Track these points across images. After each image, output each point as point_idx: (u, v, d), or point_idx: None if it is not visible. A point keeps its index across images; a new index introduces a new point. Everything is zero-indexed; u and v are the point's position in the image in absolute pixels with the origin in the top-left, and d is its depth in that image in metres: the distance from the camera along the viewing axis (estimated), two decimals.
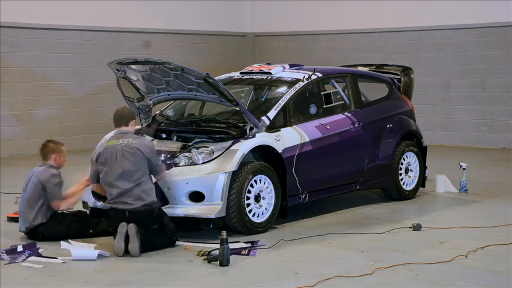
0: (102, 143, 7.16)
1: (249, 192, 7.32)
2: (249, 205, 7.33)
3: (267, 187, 7.50)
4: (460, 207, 8.81)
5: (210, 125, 7.92)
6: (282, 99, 8.02)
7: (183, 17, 15.93)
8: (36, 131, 13.51)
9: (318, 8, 16.31)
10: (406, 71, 9.85)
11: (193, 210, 7.14)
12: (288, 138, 7.83)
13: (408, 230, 7.54)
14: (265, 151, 7.65)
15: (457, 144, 14.65)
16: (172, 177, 7.16)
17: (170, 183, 7.16)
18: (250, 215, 7.33)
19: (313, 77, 8.48)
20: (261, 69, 8.74)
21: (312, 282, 5.76)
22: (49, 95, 13.86)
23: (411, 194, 9.20)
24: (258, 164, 7.45)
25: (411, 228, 7.54)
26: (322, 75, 8.63)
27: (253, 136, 7.55)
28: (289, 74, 8.55)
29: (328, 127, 8.32)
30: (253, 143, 7.45)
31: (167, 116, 8.50)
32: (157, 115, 8.51)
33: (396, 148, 9.00)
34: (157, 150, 7.59)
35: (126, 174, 6.73)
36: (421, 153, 9.32)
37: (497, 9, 14.05)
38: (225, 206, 7.13)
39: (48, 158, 7.23)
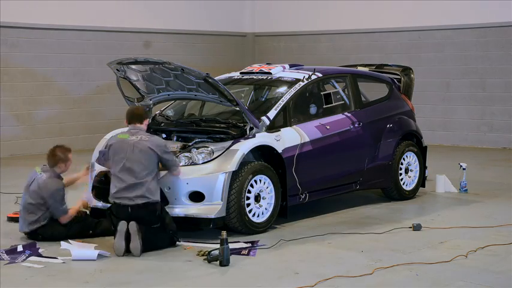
0: (114, 136, 7.18)
1: (249, 192, 7.32)
2: (249, 205, 7.32)
3: (267, 187, 7.50)
4: (460, 207, 8.81)
5: (210, 125, 7.91)
6: (282, 99, 8.02)
7: (183, 17, 15.93)
8: (36, 131, 13.49)
9: (318, 8, 16.30)
10: (406, 71, 9.85)
11: (193, 210, 7.13)
12: (288, 138, 7.83)
13: (408, 230, 7.54)
14: (265, 151, 7.65)
15: (457, 144, 14.65)
16: (172, 177, 7.16)
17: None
18: (250, 215, 7.33)
19: (313, 77, 8.48)
20: (261, 69, 8.73)
21: (312, 282, 5.76)
22: (49, 95, 13.85)
23: (411, 194, 9.20)
24: (258, 164, 7.45)
25: (411, 228, 7.54)
26: (322, 75, 8.63)
27: (253, 136, 7.54)
28: (289, 74, 8.55)
29: (328, 127, 8.32)
30: (253, 143, 7.45)
31: (167, 116, 8.49)
32: (157, 115, 8.51)
33: (396, 148, 9.00)
34: None
35: (133, 169, 6.76)
36: (421, 153, 9.32)
37: (497, 9, 14.05)
38: (225, 206, 7.13)
39: (54, 166, 7.21)
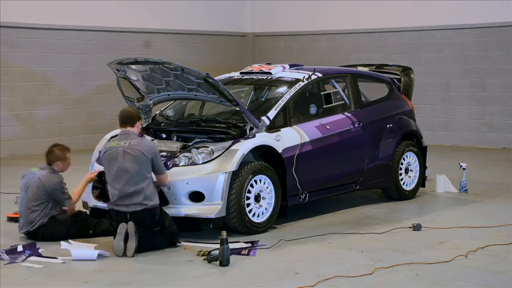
0: (105, 145, 7.11)
1: (249, 192, 7.32)
2: (249, 205, 7.32)
3: (267, 187, 7.50)
4: (460, 207, 8.81)
5: (210, 125, 7.91)
6: (282, 99, 8.02)
7: (183, 17, 15.93)
8: (36, 131, 13.49)
9: (318, 8, 16.30)
10: (406, 71, 9.85)
11: (193, 210, 7.13)
12: (288, 138, 7.82)
13: (408, 230, 7.54)
14: (265, 151, 7.65)
15: (457, 144, 14.65)
16: (172, 177, 7.16)
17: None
18: (250, 215, 7.33)
19: (313, 77, 8.48)
20: (261, 69, 8.73)
21: (312, 282, 5.76)
22: (49, 95, 13.85)
23: (411, 194, 9.20)
24: (258, 164, 7.45)
25: (411, 228, 7.54)
26: (322, 75, 8.63)
27: (253, 136, 7.54)
28: (289, 74, 8.55)
29: (328, 127, 8.32)
30: (253, 143, 7.45)
31: (167, 116, 8.49)
32: (157, 115, 8.51)
33: (396, 148, 9.00)
34: None
35: (127, 177, 6.70)
36: (421, 153, 9.32)
37: (497, 9, 14.05)
38: (225, 206, 7.13)
39: (52, 164, 7.23)
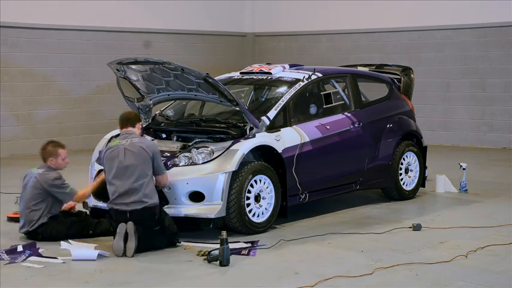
0: (108, 145, 7.12)
1: (249, 192, 7.32)
2: (249, 205, 7.32)
3: (267, 187, 7.50)
4: (460, 207, 8.81)
5: (210, 125, 7.91)
6: (282, 99, 8.02)
7: (183, 17, 15.93)
8: (36, 131, 13.51)
9: (318, 8, 16.30)
10: (406, 71, 9.85)
11: (193, 210, 7.13)
12: (288, 138, 7.82)
13: (408, 230, 7.53)
14: (265, 151, 7.65)
15: (457, 144, 14.65)
16: (172, 177, 7.16)
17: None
18: (250, 215, 7.32)
19: (313, 77, 8.48)
20: (261, 69, 8.73)
21: (312, 282, 5.76)
22: (49, 95, 13.85)
23: (411, 194, 9.20)
24: (258, 164, 7.45)
25: (411, 228, 7.54)
26: (322, 75, 8.63)
27: (253, 136, 7.54)
28: (289, 74, 8.55)
29: (328, 127, 8.31)
30: (253, 143, 7.45)
31: (167, 116, 8.49)
32: (157, 115, 8.51)
33: (396, 148, 9.00)
34: None
35: (127, 174, 6.72)
36: (421, 153, 9.32)
37: (497, 9, 14.05)
38: (225, 206, 7.13)
39: (45, 160, 7.24)
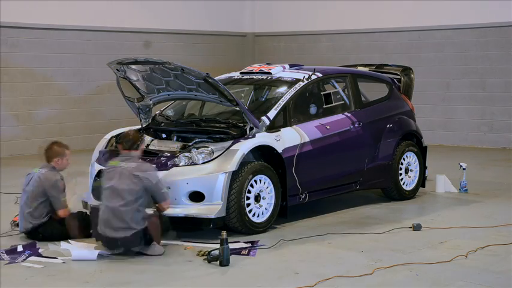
0: (108, 164, 7.03)
1: (249, 192, 7.32)
2: (249, 205, 7.32)
3: (267, 187, 7.50)
4: (460, 207, 8.81)
5: (210, 125, 7.91)
6: (282, 99, 8.02)
7: (183, 17, 15.93)
8: (36, 131, 13.51)
9: (318, 8, 16.30)
10: (406, 71, 9.85)
11: (193, 210, 7.13)
12: (288, 138, 7.82)
13: (408, 230, 7.53)
14: (265, 151, 7.65)
15: (457, 144, 14.65)
16: (172, 177, 7.16)
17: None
18: (250, 215, 7.33)
19: (313, 77, 8.48)
20: (261, 69, 8.73)
21: (312, 282, 5.76)
22: (49, 95, 13.86)
23: (411, 194, 9.20)
24: (258, 164, 7.45)
25: (411, 228, 7.54)
26: (322, 75, 8.63)
27: (253, 136, 7.54)
28: (289, 74, 8.55)
29: (328, 127, 8.31)
30: (253, 143, 7.45)
31: (167, 116, 8.49)
32: (157, 115, 8.51)
33: (396, 148, 9.00)
34: (157, 150, 7.61)
35: (119, 196, 6.55)
36: (421, 153, 9.32)
37: (497, 9, 14.04)
38: (225, 206, 7.13)
39: (51, 161, 7.22)
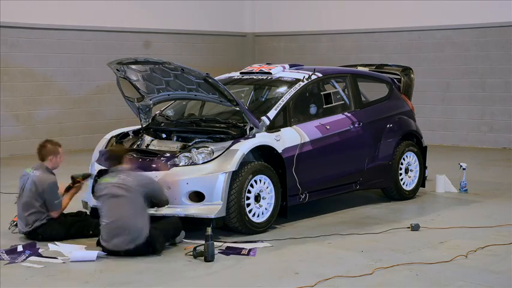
0: (99, 181, 6.98)
1: (249, 192, 7.32)
2: (249, 205, 7.32)
3: (267, 187, 7.50)
4: (460, 207, 8.81)
5: (210, 125, 7.91)
6: (282, 99, 8.02)
7: (183, 17, 15.93)
8: (36, 131, 13.50)
9: (318, 8, 16.30)
10: (406, 71, 9.85)
11: (193, 210, 7.13)
12: (288, 138, 7.82)
13: (408, 230, 7.53)
14: (265, 151, 7.65)
15: (457, 144, 14.65)
16: (172, 177, 7.15)
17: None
18: (250, 215, 7.33)
19: (313, 77, 8.48)
20: (261, 69, 8.73)
21: (312, 282, 5.76)
22: (49, 95, 13.86)
23: (411, 194, 9.20)
24: (258, 164, 7.45)
25: (409, 228, 7.53)
26: (322, 75, 8.63)
27: (253, 136, 7.54)
28: (289, 74, 8.55)
29: (328, 127, 8.31)
30: (253, 143, 7.45)
31: (167, 116, 8.49)
32: (157, 115, 8.51)
33: (396, 148, 8.99)
34: (157, 150, 7.62)
35: (117, 212, 6.53)
36: (421, 153, 9.32)
37: (497, 9, 14.04)
38: (225, 206, 7.13)
39: (45, 160, 7.21)
